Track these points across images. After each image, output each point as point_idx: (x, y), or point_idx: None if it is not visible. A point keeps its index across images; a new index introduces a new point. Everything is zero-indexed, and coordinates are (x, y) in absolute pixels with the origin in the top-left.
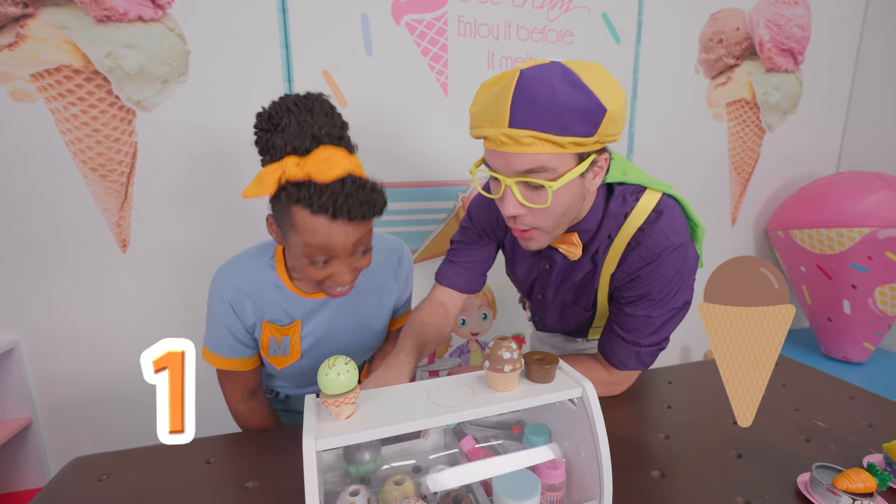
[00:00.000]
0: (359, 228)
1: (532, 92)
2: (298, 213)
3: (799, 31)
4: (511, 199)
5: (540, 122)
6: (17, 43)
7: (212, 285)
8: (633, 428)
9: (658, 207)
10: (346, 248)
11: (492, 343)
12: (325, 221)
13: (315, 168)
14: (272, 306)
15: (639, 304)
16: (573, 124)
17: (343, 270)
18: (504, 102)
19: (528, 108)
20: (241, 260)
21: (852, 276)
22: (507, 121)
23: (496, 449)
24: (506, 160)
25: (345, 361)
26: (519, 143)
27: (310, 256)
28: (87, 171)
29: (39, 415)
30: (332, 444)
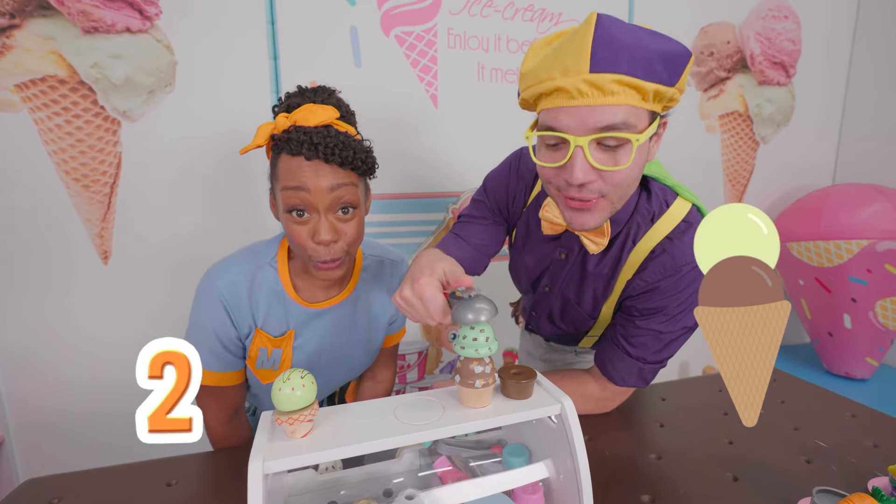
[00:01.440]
0: (335, 174)
1: (615, 31)
2: (282, 160)
3: (790, 44)
4: (582, 162)
5: (626, 64)
6: (3, 53)
7: (201, 288)
8: (623, 447)
9: (688, 218)
10: (321, 193)
11: (462, 358)
12: (300, 161)
13: (299, 115)
14: (268, 313)
15: (652, 317)
16: (659, 68)
17: (321, 226)
18: (583, 46)
19: (613, 50)
20: (237, 260)
21: (852, 289)
22: (587, 65)
23: (473, 471)
24: (582, 115)
25: (301, 374)
26: (602, 91)
27: (287, 205)
28: (69, 182)
29: (12, 432)
30: (281, 467)
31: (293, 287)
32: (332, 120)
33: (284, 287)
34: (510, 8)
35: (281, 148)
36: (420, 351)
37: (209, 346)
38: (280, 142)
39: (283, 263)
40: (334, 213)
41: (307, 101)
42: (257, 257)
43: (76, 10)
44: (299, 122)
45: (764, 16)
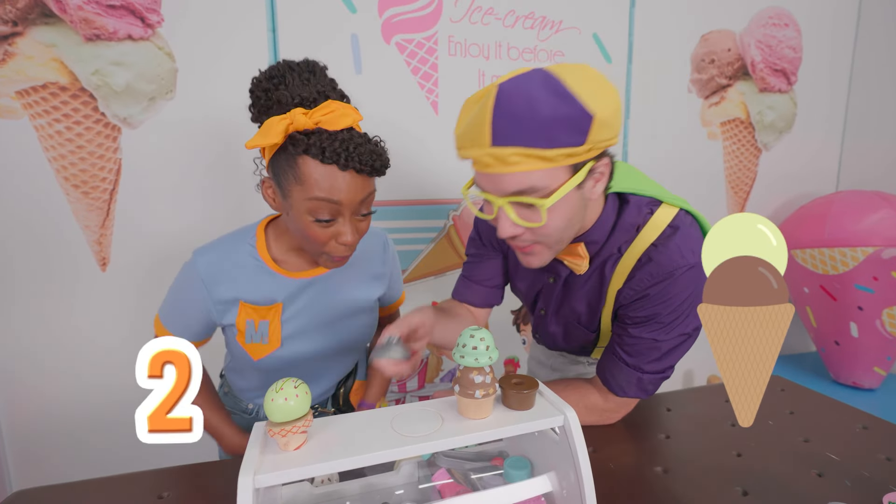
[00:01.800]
0: (366, 183)
1: (512, 106)
2: (306, 163)
3: (791, 52)
4: (505, 220)
5: (524, 137)
6: (5, 60)
7: (185, 265)
8: (628, 460)
9: (674, 223)
10: (353, 202)
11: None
12: (335, 171)
13: (325, 118)
14: (251, 285)
15: (645, 325)
16: (560, 135)
17: (347, 229)
18: (484, 121)
19: (509, 124)
20: (219, 241)
21: (858, 297)
22: (489, 140)
23: (474, 484)
24: (494, 181)
25: (294, 384)
26: (505, 162)
27: (315, 213)
28: (69, 189)
29: (6, 440)
30: (273, 481)
31: (273, 260)
32: (356, 123)
33: (265, 261)
34: (511, 16)
35: (305, 150)
36: (420, 359)
37: (181, 319)
38: (305, 145)
39: (262, 240)
40: (357, 216)
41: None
42: (238, 238)
43: (78, 18)
44: (323, 125)
45: (764, 23)
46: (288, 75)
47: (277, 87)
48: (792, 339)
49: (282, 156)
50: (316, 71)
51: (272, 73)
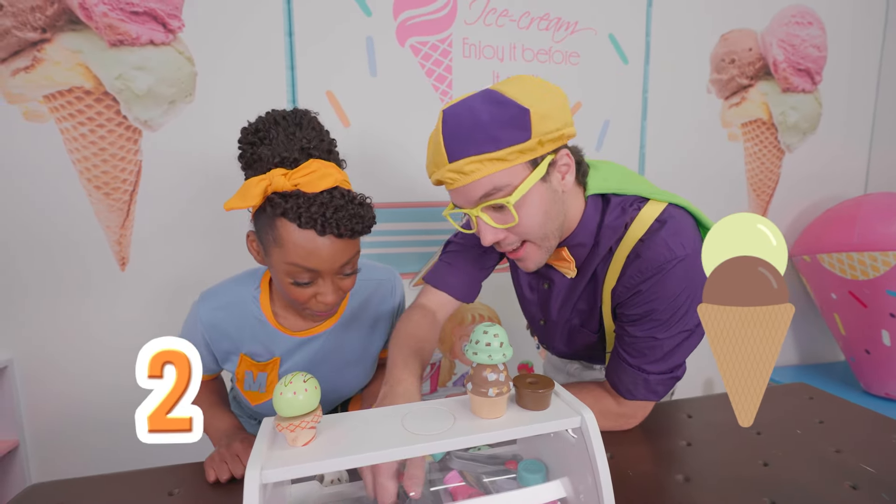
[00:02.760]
0: (347, 246)
1: (456, 124)
2: (284, 227)
3: (815, 51)
4: (484, 227)
5: (472, 146)
6: (34, 66)
7: (192, 308)
8: (647, 467)
9: (661, 217)
10: (333, 266)
11: (475, 365)
12: (312, 236)
13: (303, 179)
14: (251, 340)
15: (641, 323)
16: (504, 135)
17: (327, 290)
18: (438, 144)
19: (457, 139)
20: (226, 288)
21: (890, 303)
22: (446, 158)
23: (487, 487)
24: (462, 194)
25: (304, 378)
26: (464, 173)
27: (293, 276)
28: (91, 190)
29: (28, 437)
30: (280, 476)
31: (275, 316)
32: (339, 181)
33: (266, 317)
34: (525, 17)
35: (283, 213)
36: (433, 363)
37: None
38: (283, 208)
39: (265, 293)
40: (338, 276)
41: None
42: (244, 286)
43: (104, 25)
44: (302, 187)
45: (787, 22)
46: (273, 130)
47: (262, 142)
48: (819, 348)
49: (262, 215)
50: (303, 123)
51: (258, 125)
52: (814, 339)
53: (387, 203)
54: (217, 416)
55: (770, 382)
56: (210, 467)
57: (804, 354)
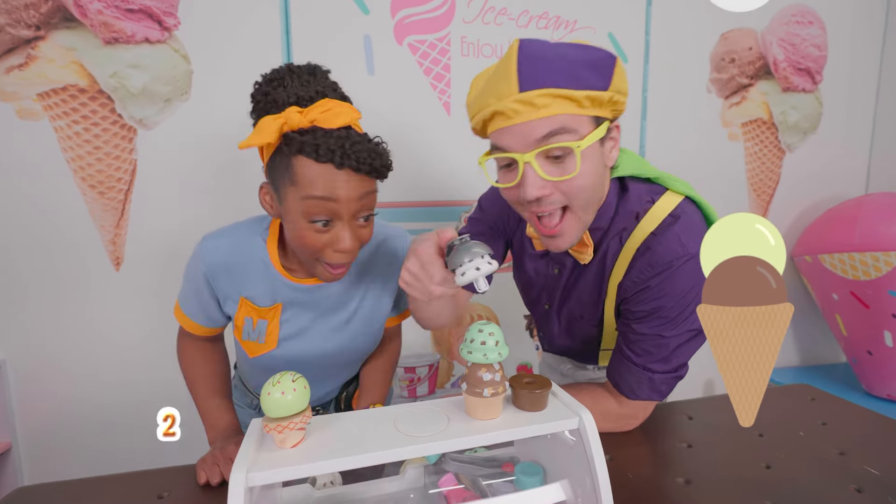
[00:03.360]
0: (364, 183)
1: (536, 52)
2: (301, 163)
3: (815, 50)
4: (532, 176)
5: (552, 77)
6: (27, 63)
7: (195, 250)
8: (647, 470)
9: (675, 212)
10: (350, 203)
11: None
12: (331, 169)
13: (320, 115)
14: (253, 282)
15: (648, 320)
16: (586, 76)
17: (345, 235)
18: (509, 70)
19: (537, 67)
20: (230, 229)
21: (892, 304)
22: (516, 87)
23: (483, 490)
24: (521, 132)
25: (292, 378)
26: (534, 105)
27: (310, 214)
28: (85, 189)
29: (20, 439)
30: (267, 479)
31: (280, 261)
32: (354, 121)
33: (272, 260)
34: (524, 16)
35: (299, 150)
36: (431, 364)
37: (196, 304)
38: (299, 143)
39: (274, 237)
40: (356, 221)
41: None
42: (250, 228)
43: (98, 22)
44: (319, 123)
45: (787, 21)
46: (287, 77)
47: (276, 89)
48: (821, 349)
49: (277, 158)
50: (317, 73)
51: (272, 75)
52: (815, 340)
53: (385, 203)
54: (219, 413)
55: (771, 384)
56: (202, 469)
57: (805, 355)
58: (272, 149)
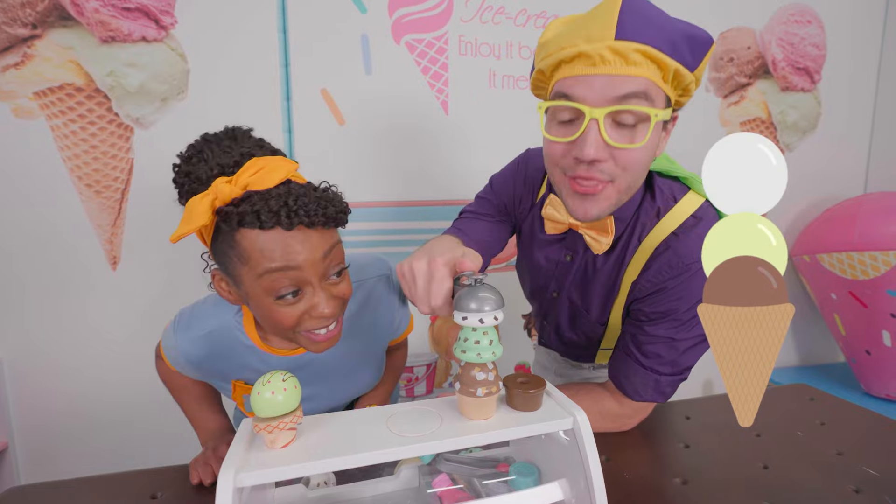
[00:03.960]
0: (323, 237)
1: (643, 6)
2: (246, 237)
3: (814, 49)
4: (595, 136)
5: (652, 36)
6: (24, 62)
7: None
8: (644, 470)
9: (698, 213)
10: (316, 265)
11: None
12: (281, 234)
13: (252, 179)
14: (242, 366)
15: (662, 322)
16: (682, 49)
17: (320, 300)
18: (610, 15)
19: (639, 21)
20: (203, 314)
21: (891, 303)
22: (613, 33)
23: (477, 491)
24: (601, 84)
25: (283, 377)
26: (626, 59)
27: (274, 290)
28: (82, 188)
29: (17, 438)
30: (256, 480)
31: (262, 341)
32: (292, 173)
33: (254, 342)
34: (522, 15)
35: (239, 222)
36: (428, 363)
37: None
38: (237, 215)
39: (249, 316)
40: (328, 281)
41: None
42: (220, 314)
43: (95, 21)
44: (253, 187)
45: (786, 21)
46: (205, 149)
47: (196, 165)
48: (819, 349)
49: (219, 239)
50: (237, 135)
51: (189, 152)
52: (814, 339)
53: (382, 202)
54: (207, 415)
55: (770, 384)
56: (194, 469)
57: (804, 355)
58: (210, 231)
